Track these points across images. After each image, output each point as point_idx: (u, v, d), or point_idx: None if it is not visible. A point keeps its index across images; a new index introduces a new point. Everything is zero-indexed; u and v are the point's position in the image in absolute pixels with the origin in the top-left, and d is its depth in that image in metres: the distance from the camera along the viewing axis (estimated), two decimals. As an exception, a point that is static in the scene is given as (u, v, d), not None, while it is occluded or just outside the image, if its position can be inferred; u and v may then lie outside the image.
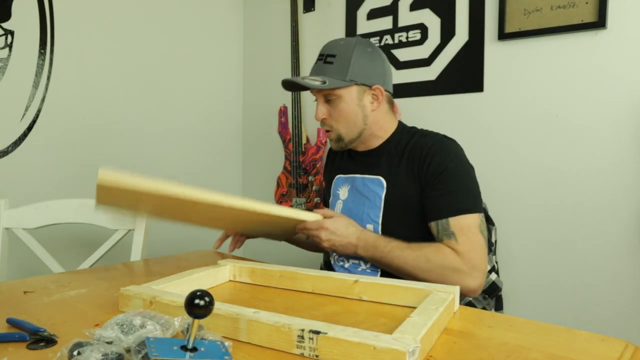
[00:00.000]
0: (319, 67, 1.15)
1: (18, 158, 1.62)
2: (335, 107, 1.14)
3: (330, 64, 1.13)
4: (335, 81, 1.11)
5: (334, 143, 1.19)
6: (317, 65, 1.16)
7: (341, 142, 1.17)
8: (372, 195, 1.15)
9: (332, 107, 1.14)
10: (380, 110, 1.17)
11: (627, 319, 1.39)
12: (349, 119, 1.14)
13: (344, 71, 1.12)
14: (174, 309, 0.68)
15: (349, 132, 1.16)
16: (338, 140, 1.18)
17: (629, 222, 1.39)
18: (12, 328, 0.70)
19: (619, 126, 1.40)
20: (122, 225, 1.35)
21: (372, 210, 1.14)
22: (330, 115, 1.15)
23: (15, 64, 1.61)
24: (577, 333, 0.68)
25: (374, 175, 1.17)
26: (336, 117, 1.15)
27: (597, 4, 1.38)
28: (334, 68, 1.12)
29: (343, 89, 1.12)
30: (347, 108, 1.13)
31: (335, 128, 1.16)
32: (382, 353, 0.54)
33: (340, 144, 1.18)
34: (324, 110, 1.15)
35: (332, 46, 1.16)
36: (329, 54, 1.14)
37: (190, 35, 2.15)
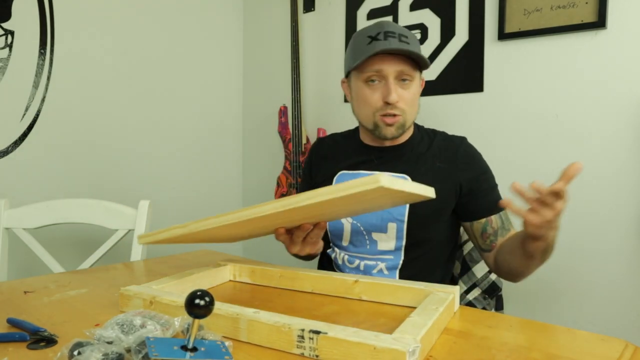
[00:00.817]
0: (397, 43, 1.04)
1: (18, 158, 1.62)
2: (409, 90, 1.07)
3: (407, 44, 1.04)
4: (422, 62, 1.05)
5: (395, 129, 1.08)
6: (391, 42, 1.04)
7: (402, 129, 1.09)
8: None
9: (405, 88, 1.06)
10: None
11: (627, 319, 1.39)
12: (414, 105, 1.10)
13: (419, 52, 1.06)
14: (174, 309, 0.68)
15: (410, 119, 1.10)
16: (401, 126, 1.09)
17: (629, 222, 1.39)
18: (12, 328, 0.70)
19: (618, 126, 1.40)
20: (122, 225, 1.35)
21: (396, 209, 1.09)
22: (402, 97, 1.06)
23: (15, 64, 1.61)
24: (577, 333, 0.68)
25: (397, 173, 1.11)
26: (408, 100, 1.07)
27: (597, 4, 1.38)
28: (413, 48, 1.04)
29: (417, 72, 1.08)
30: (416, 92, 1.09)
31: (405, 113, 1.07)
32: (382, 353, 0.54)
33: (400, 131, 1.09)
34: (399, 91, 1.06)
35: (398, 27, 1.08)
36: (402, 34, 1.06)
37: (191, 35, 2.15)
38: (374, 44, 1.05)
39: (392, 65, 1.04)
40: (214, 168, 2.30)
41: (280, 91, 2.21)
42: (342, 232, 1.15)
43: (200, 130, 2.22)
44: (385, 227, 1.10)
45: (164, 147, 2.07)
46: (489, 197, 1.10)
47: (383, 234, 1.10)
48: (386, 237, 1.10)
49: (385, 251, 1.11)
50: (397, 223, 1.09)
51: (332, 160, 1.22)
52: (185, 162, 2.16)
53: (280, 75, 2.23)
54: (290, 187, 2.07)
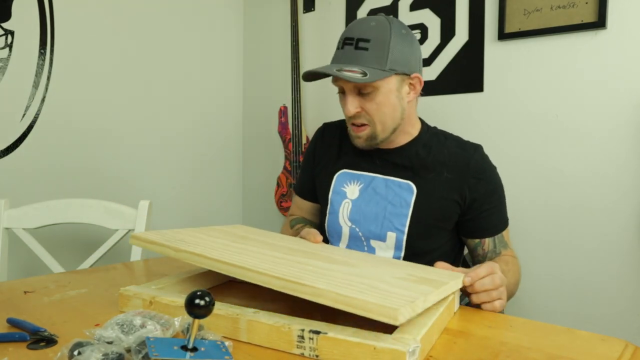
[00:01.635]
0: (350, 53, 0.98)
1: (18, 158, 1.62)
2: (371, 100, 0.99)
3: (364, 50, 0.97)
4: (376, 72, 0.96)
5: (363, 141, 1.04)
6: (347, 51, 0.99)
7: (374, 140, 1.04)
8: (398, 200, 1.04)
9: (367, 99, 1.00)
10: (413, 102, 1.06)
11: (627, 319, 1.39)
12: (387, 113, 1.01)
13: (382, 59, 0.97)
14: (173, 309, 0.68)
15: (385, 129, 1.02)
16: (371, 138, 1.03)
17: (629, 222, 1.39)
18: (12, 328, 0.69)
19: (618, 126, 1.40)
20: (122, 225, 1.35)
21: (398, 217, 1.04)
22: (365, 108, 1.00)
23: (15, 64, 1.61)
24: (577, 333, 0.68)
25: (401, 179, 1.05)
26: (372, 111, 1.00)
27: (597, 4, 1.38)
28: (370, 55, 0.97)
29: (381, 80, 0.98)
30: (385, 100, 0.99)
31: (371, 123, 1.02)
32: (382, 353, 0.54)
33: (371, 142, 1.04)
34: (355, 103, 1.00)
35: (363, 28, 0.99)
36: (361, 38, 0.97)
37: (191, 35, 2.15)
38: (335, 55, 1.03)
39: (346, 82, 0.99)
40: (214, 168, 2.30)
41: (280, 91, 2.21)
42: (341, 234, 1.12)
43: (200, 131, 2.22)
44: (385, 236, 1.05)
45: (164, 147, 2.07)
46: (488, 219, 1.06)
47: (382, 242, 1.06)
48: (385, 245, 1.06)
49: None
50: (397, 233, 1.04)
51: (335, 152, 1.17)
52: (185, 162, 2.16)
53: (280, 75, 2.22)
54: (290, 187, 2.07)
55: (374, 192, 1.07)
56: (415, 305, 0.57)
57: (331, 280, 0.63)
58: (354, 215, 1.08)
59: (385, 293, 0.60)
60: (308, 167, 1.24)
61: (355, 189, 1.10)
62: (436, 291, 0.65)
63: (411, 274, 0.74)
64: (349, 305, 0.57)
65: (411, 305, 0.56)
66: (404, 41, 1.00)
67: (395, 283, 0.67)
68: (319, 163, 1.20)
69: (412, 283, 0.68)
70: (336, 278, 0.65)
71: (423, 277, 0.72)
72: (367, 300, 0.56)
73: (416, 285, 0.67)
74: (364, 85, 0.98)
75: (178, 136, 2.13)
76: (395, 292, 0.61)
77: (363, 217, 1.07)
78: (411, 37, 1.03)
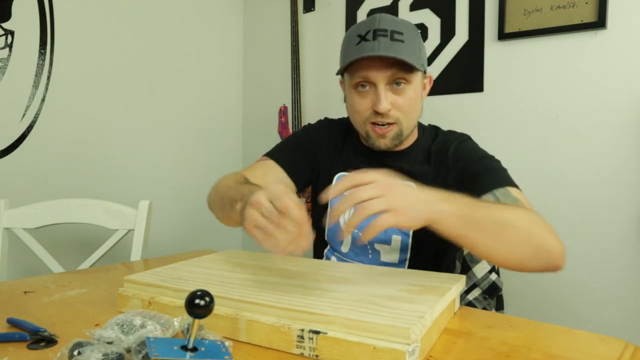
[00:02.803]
0: (387, 44, 0.91)
1: (18, 158, 1.62)
2: (404, 95, 0.95)
3: (401, 43, 0.92)
4: (417, 63, 0.92)
5: (389, 141, 0.97)
6: (381, 42, 0.92)
7: (398, 139, 0.98)
8: None
9: (399, 95, 0.95)
10: None
11: (627, 319, 1.39)
12: (413, 110, 0.97)
13: (416, 53, 0.94)
14: (172, 309, 0.68)
15: (409, 126, 0.98)
16: (397, 137, 0.97)
17: (629, 222, 1.39)
18: (12, 328, 0.69)
19: (618, 126, 1.40)
20: (122, 225, 1.35)
21: None
22: (395, 104, 0.95)
23: (15, 64, 1.61)
24: (577, 333, 0.68)
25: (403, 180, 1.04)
26: (404, 107, 0.95)
27: (597, 4, 1.38)
28: (406, 48, 0.92)
29: (415, 74, 0.94)
30: (415, 96, 0.96)
31: (400, 121, 0.96)
32: (382, 353, 0.54)
33: (396, 142, 0.98)
34: (390, 98, 0.94)
35: (394, 22, 0.95)
36: (395, 31, 0.92)
37: (191, 35, 2.15)
38: (361, 46, 0.93)
39: (381, 70, 0.92)
40: (214, 168, 2.30)
41: (280, 91, 2.21)
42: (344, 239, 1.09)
43: (200, 131, 2.22)
44: (390, 239, 1.03)
45: (164, 147, 2.07)
46: (481, 177, 0.95)
47: (387, 246, 1.04)
48: (390, 249, 1.04)
49: (388, 263, 1.05)
50: (402, 236, 1.01)
51: (338, 152, 1.11)
52: (185, 162, 2.16)
53: (280, 75, 2.22)
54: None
55: None
56: (424, 320, 0.58)
57: (339, 304, 0.63)
58: None
59: (395, 311, 0.60)
60: (303, 145, 1.14)
61: None
62: (441, 299, 0.65)
63: (414, 284, 0.73)
64: (361, 329, 0.56)
65: (421, 322, 0.57)
66: (421, 39, 1.00)
67: (402, 297, 0.66)
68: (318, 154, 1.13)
69: (417, 295, 0.68)
70: (344, 300, 0.65)
71: (426, 286, 0.72)
72: (377, 323, 0.56)
73: (421, 296, 0.67)
74: (400, 77, 0.93)
75: (178, 136, 2.13)
76: (404, 308, 0.61)
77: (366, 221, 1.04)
78: None
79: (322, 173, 1.12)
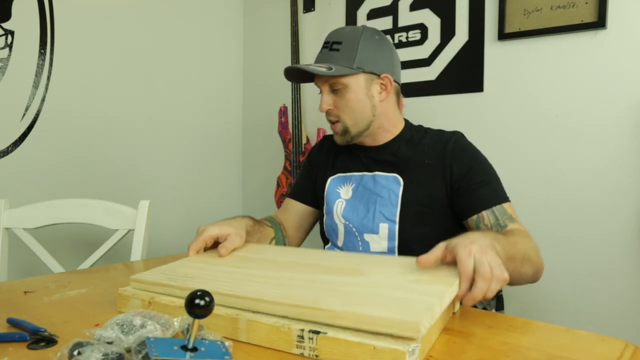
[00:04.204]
0: (324, 54, 1.10)
1: (18, 158, 1.62)
2: (342, 97, 1.08)
3: (336, 51, 1.07)
4: (342, 68, 1.05)
5: (339, 137, 1.13)
6: (322, 53, 1.11)
7: (347, 134, 1.11)
8: (386, 192, 1.09)
9: (339, 97, 1.09)
10: (389, 101, 1.12)
11: (627, 319, 1.39)
12: (356, 109, 1.09)
13: (350, 58, 1.06)
14: (172, 309, 0.68)
15: (356, 124, 1.10)
16: (344, 132, 1.11)
17: (629, 222, 1.39)
18: (12, 328, 0.69)
19: (618, 126, 1.40)
20: (122, 225, 1.35)
21: (387, 208, 1.08)
22: (337, 105, 1.10)
23: (15, 64, 1.61)
24: (577, 333, 0.68)
25: (387, 173, 1.11)
26: (343, 107, 1.09)
27: (597, 4, 1.38)
28: (340, 55, 1.07)
29: (350, 77, 1.06)
30: (354, 97, 1.08)
31: (342, 119, 1.10)
32: (382, 353, 0.54)
33: (346, 137, 1.12)
34: (329, 100, 1.10)
35: (338, 33, 1.11)
36: (335, 41, 1.09)
37: (191, 35, 2.15)
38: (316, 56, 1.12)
39: (320, 78, 1.10)
40: (214, 168, 2.30)
41: (280, 91, 2.20)
42: (337, 232, 1.16)
43: (200, 130, 2.22)
44: (377, 228, 1.09)
45: (164, 147, 2.07)
46: (479, 192, 1.04)
47: (375, 235, 1.09)
48: (378, 238, 1.09)
49: (377, 252, 1.09)
50: (388, 224, 1.07)
51: (331, 161, 1.23)
52: (185, 162, 2.16)
53: (280, 75, 2.22)
54: (290, 186, 2.07)
55: (364, 189, 1.13)
56: (433, 312, 0.58)
57: (347, 298, 0.63)
58: (347, 212, 1.14)
59: (404, 302, 0.60)
60: (306, 172, 1.30)
61: (348, 190, 1.16)
62: (449, 289, 0.65)
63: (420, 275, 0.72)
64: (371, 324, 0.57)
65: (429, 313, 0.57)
66: (374, 44, 1.09)
67: (409, 287, 0.66)
68: (317, 170, 1.26)
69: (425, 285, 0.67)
70: (352, 294, 0.65)
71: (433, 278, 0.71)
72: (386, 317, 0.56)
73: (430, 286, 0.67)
74: (335, 82, 1.07)
75: (178, 136, 2.13)
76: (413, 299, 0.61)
77: (355, 214, 1.12)
78: (384, 42, 1.12)
79: (319, 179, 1.24)
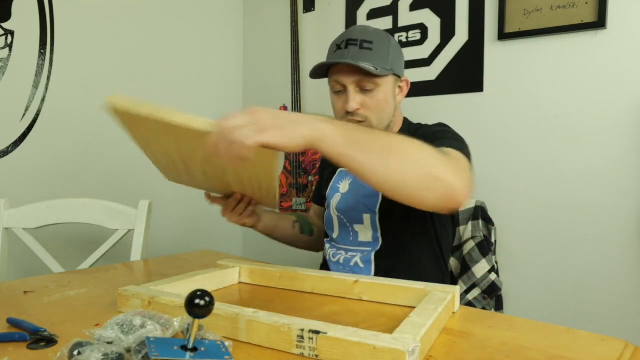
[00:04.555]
0: (355, 52, 1.07)
1: (18, 158, 1.62)
2: (373, 97, 1.08)
3: (369, 50, 1.07)
4: (383, 69, 1.06)
5: None
6: (351, 50, 1.07)
7: None
8: None
9: (368, 96, 1.08)
10: (400, 103, 1.17)
11: (627, 319, 1.39)
12: (384, 109, 1.10)
13: (384, 59, 1.08)
14: (172, 309, 0.68)
15: (380, 124, 1.11)
16: None
17: (629, 222, 1.39)
18: (12, 328, 0.70)
19: (618, 126, 1.40)
20: (122, 225, 1.35)
21: (369, 199, 1.12)
22: (365, 105, 1.09)
23: (15, 64, 1.61)
24: (577, 333, 0.68)
25: None
26: (372, 107, 1.09)
27: (597, 4, 1.38)
28: (374, 55, 1.06)
29: (384, 78, 1.08)
30: (384, 98, 1.09)
31: (369, 119, 1.10)
32: (382, 353, 0.54)
33: None
34: (358, 99, 1.08)
35: (365, 32, 1.10)
36: (365, 40, 1.07)
37: (191, 35, 2.15)
38: (336, 54, 1.09)
39: (349, 76, 1.07)
40: (214, 168, 2.30)
41: (280, 91, 2.20)
42: (333, 224, 1.21)
43: (200, 130, 2.22)
44: (362, 218, 1.13)
45: (164, 147, 2.07)
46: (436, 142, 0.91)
47: (361, 225, 1.14)
48: (364, 228, 1.14)
49: (364, 242, 1.15)
50: (370, 214, 1.12)
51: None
52: (185, 162, 2.16)
53: (280, 75, 2.22)
54: (291, 187, 2.07)
55: (357, 183, 1.17)
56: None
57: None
58: (340, 205, 1.18)
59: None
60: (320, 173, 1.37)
61: (346, 184, 1.21)
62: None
63: None
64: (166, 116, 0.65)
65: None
66: (397, 48, 1.13)
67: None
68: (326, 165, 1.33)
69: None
70: None
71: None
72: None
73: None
74: (368, 81, 1.07)
75: (178, 136, 2.13)
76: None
77: (346, 206, 1.16)
78: (399, 46, 1.16)
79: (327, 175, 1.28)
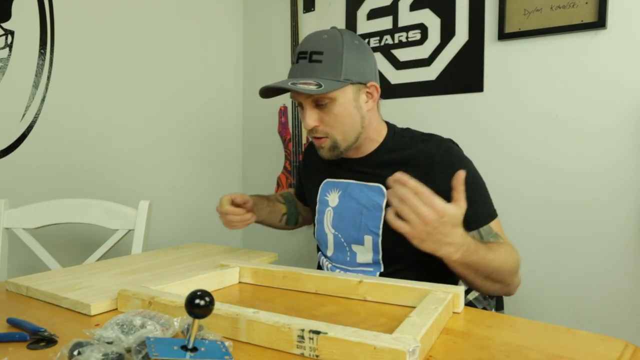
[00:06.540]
0: (304, 67, 1.00)
1: (18, 158, 1.62)
2: (329, 112, 1.00)
3: (318, 63, 0.99)
4: (331, 83, 0.97)
5: (326, 152, 1.05)
6: (300, 65, 1.01)
7: (336, 150, 1.04)
8: (371, 204, 1.05)
9: (325, 111, 1.01)
10: (374, 109, 1.07)
11: (627, 319, 1.39)
12: (346, 123, 1.02)
13: (336, 70, 0.98)
14: (172, 309, 0.68)
15: (346, 138, 1.03)
16: (333, 148, 1.04)
17: (629, 222, 1.39)
18: (12, 328, 0.70)
19: (618, 126, 1.40)
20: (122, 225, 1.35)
21: (372, 220, 1.04)
22: (323, 121, 1.02)
23: (15, 64, 1.61)
24: (577, 333, 0.68)
25: (372, 183, 1.06)
26: (331, 122, 1.01)
27: (597, 4, 1.38)
28: (324, 67, 0.98)
29: (338, 90, 0.99)
30: (343, 111, 1.00)
31: (331, 135, 1.03)
32: (382, 353, 0.54)
33: (335, 152, 1.05)
34: (314, 116, 1.01)
35: (316, 42, 1.01)
36: (314, 51, 0.99)
37: (191, 35, 2.15)
38: (290, 70, 1.05)
39: (301, 94, 1.00)
40: (214, 168, 2.30)
41: (280, 91, 2.20)
42: (327, 242, 1.14)
43: (200, 131, 2.22)
44: (363, 240, 1.06)
45: (164, 147, 2.07)
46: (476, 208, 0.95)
47: (361, 246, 1.07)
48: (364, 249, 1.07)
49: (364, 264, 1.08)
50: (372, 236, 1.05)
51: (321, 164, 1.18)
52: (185, 162, 2.16)
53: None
54: (291, 187, 2.07)
55: (350, 198, 1.09)
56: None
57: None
58: (336, 222, 1.11)
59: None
60: (302, 172, 1.31)
61: (335, 197, 1.13)
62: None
63: None
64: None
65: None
66: (357, 51, 1.02)
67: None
68: (308, 174, 1.24)
69: None
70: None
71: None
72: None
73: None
74: (320, 97, 0.99)
75: (178, 136, 2.13)
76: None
77: (343, 224, 1.09)
78: (364, 47, 1.04)
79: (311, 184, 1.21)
